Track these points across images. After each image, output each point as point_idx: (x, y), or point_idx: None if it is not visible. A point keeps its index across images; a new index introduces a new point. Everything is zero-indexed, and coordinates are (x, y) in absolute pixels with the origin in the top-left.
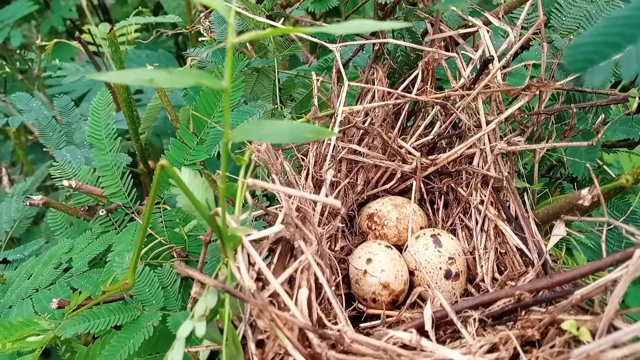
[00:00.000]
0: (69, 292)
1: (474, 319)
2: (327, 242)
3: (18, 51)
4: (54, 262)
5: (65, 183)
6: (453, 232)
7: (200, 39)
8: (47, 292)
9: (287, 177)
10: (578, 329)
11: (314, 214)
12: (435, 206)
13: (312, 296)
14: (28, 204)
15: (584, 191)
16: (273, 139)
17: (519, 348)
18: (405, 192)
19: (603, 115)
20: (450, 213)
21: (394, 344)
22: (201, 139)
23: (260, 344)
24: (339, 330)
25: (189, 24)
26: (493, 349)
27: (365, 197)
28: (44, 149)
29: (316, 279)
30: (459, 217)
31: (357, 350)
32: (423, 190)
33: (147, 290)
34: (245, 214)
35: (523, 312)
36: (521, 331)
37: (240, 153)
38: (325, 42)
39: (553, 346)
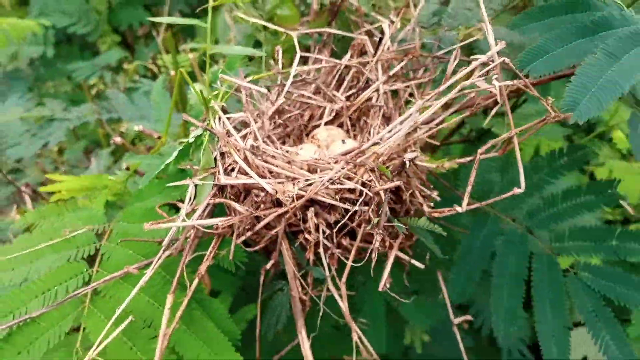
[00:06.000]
0: None
1: None
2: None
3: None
4: None
5: (135, 127)
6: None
7: None
8: None
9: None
10: None
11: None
12: (355, 132)
13: (252, 140)
14: (113, 142)
15: None
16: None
17: None
18: (340, 126)
19: None
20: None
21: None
22: None
23: (222, 156)
24: (258, 147)
25: None
26: None
27: (311, 128)
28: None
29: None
30: (367, 136)
31: (271, 161)
32: (348, 123)
33: None
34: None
35: None
36: None
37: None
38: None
39: None
